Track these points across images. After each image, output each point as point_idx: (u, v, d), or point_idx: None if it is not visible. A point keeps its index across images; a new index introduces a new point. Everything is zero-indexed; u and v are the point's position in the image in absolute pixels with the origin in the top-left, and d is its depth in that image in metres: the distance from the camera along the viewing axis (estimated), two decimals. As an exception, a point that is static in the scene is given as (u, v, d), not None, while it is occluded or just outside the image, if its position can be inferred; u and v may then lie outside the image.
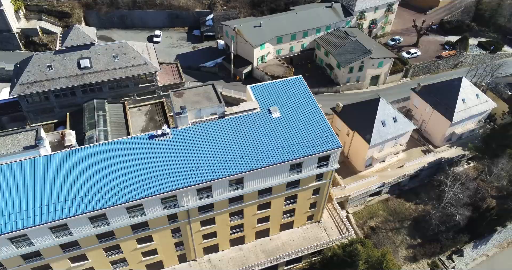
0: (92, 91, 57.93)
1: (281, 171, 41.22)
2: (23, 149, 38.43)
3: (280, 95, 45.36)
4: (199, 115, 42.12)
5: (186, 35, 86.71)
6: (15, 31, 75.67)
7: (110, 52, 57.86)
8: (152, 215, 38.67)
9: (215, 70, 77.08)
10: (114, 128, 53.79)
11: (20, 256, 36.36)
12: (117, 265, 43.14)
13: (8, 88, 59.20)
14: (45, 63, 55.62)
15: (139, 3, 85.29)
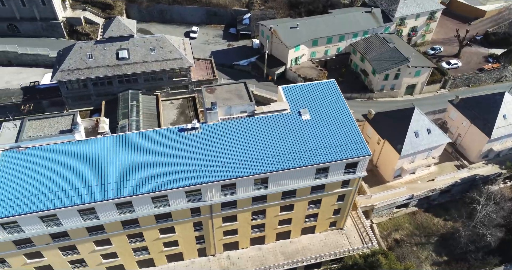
0: (128, 81, 59.48)
1: (307, 174, 40.74)
2: (59, 132, 39.90)
3: (311, 97, 44.95)
4: (229, 112, 42.35)
5: (222, 32, 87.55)
6: (61, 20, 78.95)
7: (147, 44, 59.20)
8: (176, 207, 39.18)
9: (248, 69, 77.34)
10: (146, 119, 55.02)
11: (49, 234, 37.76)
12: (139, 252, 44.04)
13: (50, 73, 61.76)
14: (86, 52, 57.60)
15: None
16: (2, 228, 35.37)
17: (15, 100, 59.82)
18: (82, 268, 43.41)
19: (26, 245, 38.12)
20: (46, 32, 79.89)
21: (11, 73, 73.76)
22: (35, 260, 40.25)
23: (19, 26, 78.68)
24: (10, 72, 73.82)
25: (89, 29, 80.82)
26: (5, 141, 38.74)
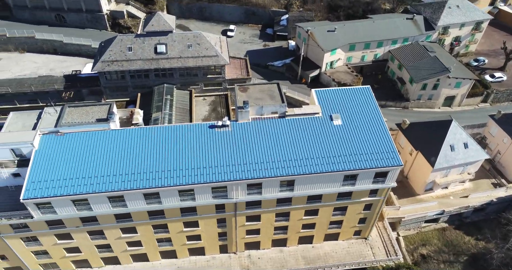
0: (164, 76, 60.79)
1: (334, 180, 40.12)
2: (96, 121, 41.23)
3: (344, 103, 44.31)
4: (260, 112, 42.40)
5: (259, 32, 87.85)
6: (105, 12, 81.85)
7: (185, 40, 60.24)
8: (201, 202, 39.65)
9: (282, 70, 77.15)
10: (178, 113, 56.05)
11: (80, 218, 39.22)
12: (163, 243, 44.94)
13: (92, 63, 64.13)
14: (126, 45, 59.32)
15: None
16: (37, 208, 37.04)
17: (58, 87, 62.49)
18: (108, 253, 44.88)
19: (57, 226, 39.79)
20: (90, 23, 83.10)
21: (56, 61, 77.28)
22: (64, 241, 41.98)
23: (66, 16, 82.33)
24: (54, 60, 77.38)
25: (130, 22, 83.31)
26: (45, 125, 40.53)
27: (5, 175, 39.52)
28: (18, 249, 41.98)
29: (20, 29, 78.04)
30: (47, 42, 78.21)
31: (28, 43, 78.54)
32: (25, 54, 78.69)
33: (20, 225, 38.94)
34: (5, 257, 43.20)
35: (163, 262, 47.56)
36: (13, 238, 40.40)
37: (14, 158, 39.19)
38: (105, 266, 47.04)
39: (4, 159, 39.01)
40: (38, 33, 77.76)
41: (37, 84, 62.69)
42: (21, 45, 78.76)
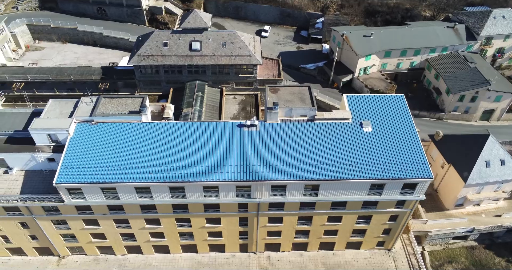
0: (196, 72, 61.65)
1: (360, 188, 39.37)
2: (128, 113, 42.27)
3: (376, 110, 43.51)
4: (289, 114, 42.22)
5: (293, 34, 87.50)
6: (144, 7, 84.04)
7: (219, 39, 60.83)
8: (224, 199, 39.92)
9: (314, 73, 76.50)
10: (208, 110, 56.69)
11: (107, 206, 40.43)
12: (184, 237, 45.65)
13: (128, 57, 65.95)
14: (162, 40, 60.58)
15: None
16: (68, 193, 38.46)
17: (95, 78, 64.64)
18: (131, 242, 46.03)
19: (85, 212, 41.19)
20: (130, 18, 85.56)
21: (95, 52, 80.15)
22: (91, 227, 43.41)
23: (107, 10, 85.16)
24: (93, 52, 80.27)
25: (168, 18, 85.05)
26: (81, 114, 41.94)
27: (41, 159, 41.22)
28: (48, 231, 43.79)
29: (63, 20, 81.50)
30: (87, 34, 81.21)
31: (70, 34, 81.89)
32: (67, 45, 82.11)
33: (51, 208, 40.61)
34: (35, 237, 45.16)
35: (184, 255, 48.32)
36: (44, 219, 42.19)
37: (50, 144, 40.85)
38: (128, 254, 48.34)
39: (41, 144, 40.74)
40: (80, 25, 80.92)
41: (76, 74, 65.11)
42: (63, 36, 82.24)
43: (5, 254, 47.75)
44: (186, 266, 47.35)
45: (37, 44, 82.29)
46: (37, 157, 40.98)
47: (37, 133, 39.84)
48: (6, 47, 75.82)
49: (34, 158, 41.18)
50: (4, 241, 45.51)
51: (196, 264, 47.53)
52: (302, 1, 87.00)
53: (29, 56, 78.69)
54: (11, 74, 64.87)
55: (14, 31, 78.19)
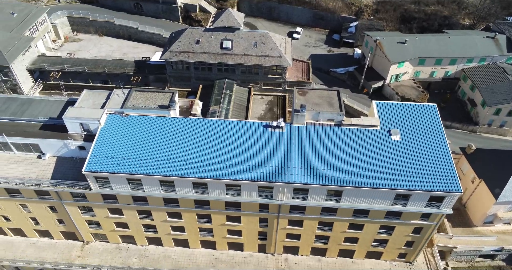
0: (226, 71, 62.21)
1: (385, 197, 38.53)
2: (158, 107, 43.04)
3: (406, 119, 42.43)
4: (316, 118, 41.87)
5: (325, 37, 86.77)
6: (179, 4, 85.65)
7: (251, 39, 61.09)
8: (246, 198, 40.02)
9: (344, 78, 75.62)
10: (235, 109, 57.09)
11: (131, 196, 41.34)
12: (204, 233, 46.10)
13: (161, 52, 67.31)
14: (195, 37, 61.47)
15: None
16: (95, 181, 39.64)
17: (128, 71, 66.40)
18: (153, 233, 46.86)
19: (111, 201, 42.29)
20: (164, 14, 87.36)
21: (129, 46, 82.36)
22: (115, 216, 44.54)
23: (143, 5, 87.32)
24: (128, 46, 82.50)
25: (201, 16, 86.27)
26: (112, 106, 43.06)
27: (72, 147, 42.67)
28: (74, 216, 45.28)
29: (102, 14, 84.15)
30: (123, 28, 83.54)
31: (107, 28, 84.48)
32: (103, 38, 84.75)
33: (79, 194, 41.96)
34: (62, 222, 46.78)
35: (202, 251, 48.80)
36: (71, 205, 43.62)
37: (82, 132, 42.17)
38: (148, 245, 49.25)
39: (73, 132, 42.17)
40: (117, 19, 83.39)
41: (110, 66, 67.10)
42: (101, 29, 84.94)
43: (33, 235, 49.72)
44: (204, 261, 47.86)
45: (75, 36, 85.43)
46: (69, 144, 42.43)
47: (70, 121, 41.26)
48: (46, 37, 79.11)
49: (66, 146, 42.68)
50: (34, 223, 47.42)
51: (214, 261, 47.93)
52: (336, 4, 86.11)
53: (67, 47, 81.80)
54: (49, 63, 67.63)
55: (55, 22, 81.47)
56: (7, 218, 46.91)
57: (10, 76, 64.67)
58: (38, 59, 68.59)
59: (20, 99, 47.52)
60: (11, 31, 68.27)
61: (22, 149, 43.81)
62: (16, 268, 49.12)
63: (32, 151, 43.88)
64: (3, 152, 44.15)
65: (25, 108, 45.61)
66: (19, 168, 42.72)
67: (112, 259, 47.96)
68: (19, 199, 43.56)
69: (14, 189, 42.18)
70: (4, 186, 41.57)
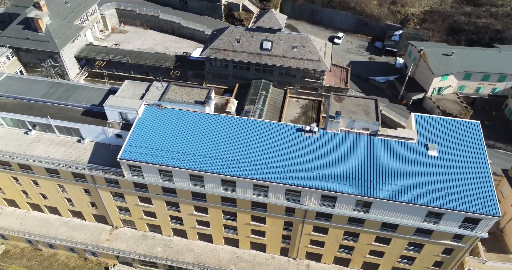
0: (263, 71, 62.31)
1: (416, 213, 37.22)
2: (194, 102, 43.77)
3: (446, 134, 40.88)
4: (351, 125, 41.08)
5: (367, 44, 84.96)
6: (223, 3, 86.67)
7: (291, 41, 60.84)
8: (273, 200, 39.92)
9: (383, 87, 73.68)
10: (270, 110, 57.05)
11: (161, 187, 42.28)
12: (228, 230, 46.43)
13: (201, 48, 68.45)
14: (235, 36, 61.98)
15: (334, 2, 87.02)
16: (129, 169, 40.87)
17: (168, 65, 68.01)
18: (179, 225, 47.74)
19: (141, 189, 43.47)
20: (208, 11, 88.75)
21: (171, 41, 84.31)
22: (144, 204, 45.70)
23: (188, 2, 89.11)
24: (170, 40, 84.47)
25: (244, 15, 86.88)
26: (151, 97, 44.20)
27: (110, 134, 44.26)
28: (106, 201, 46.92)
29: (148, 8, 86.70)
30: (167, 23, 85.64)
31: (152, 21, 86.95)
32: (148, 31, 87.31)
33: (112, 180, 43.42)
34: (95, 205, 48.61)
35: (225, 247, 49.13)
36: (104, 190, 45.20)
37: (120, 121, 43.59)
38: (173, 236, 50.13)
39: (112, 120, 43.68)
40: (162, 13, 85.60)
41: (152, 59, 68.97)
42: (146, 22, 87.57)
43: (67, 215, 52.01)
44: (225, 258, 48.14)
45: (122, 27, 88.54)
46: (107, 131, 44.02)
47: (110, 109, 42.71)
48: (95, 27, 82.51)
49: (104, 132, 44.31)
50: (68, 203, 49.59)
51: (236, 259, 48.09)
52: (381, 11, 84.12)
53: (113, 37, 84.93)
54: (96, 52, 70.49)
55: (104, 13, 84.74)
56: (45, 196, 49.36)
57: (59, 62, 68.01)
58: (86, 48, 71.66)
59: (66, 84, 49.82)
60: (64, 19, 71.70)
61: (64, 132, 45.99)
62: (48, 244, 51.66)
63: (73, 135, 45.97)
64: (46, 134, 46.53)
65: (70, 93, 47.76)
66: (60, 150, 44.87)
67: (138, 246, 49.26)
68: (57, 179, 45.73)
69: (53, 170, 44.33)
70: (45, 166, 43.79)
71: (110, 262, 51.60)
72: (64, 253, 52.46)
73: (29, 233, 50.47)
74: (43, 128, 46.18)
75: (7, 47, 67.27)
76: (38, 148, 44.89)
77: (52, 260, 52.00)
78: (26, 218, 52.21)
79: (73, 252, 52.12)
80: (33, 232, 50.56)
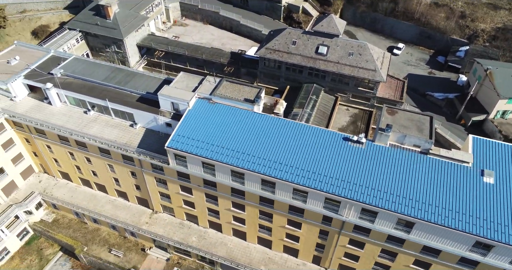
0: (316, 76, 61.60)
1: (462, 241, 34.98)
2: (243, 100, 44.11)
3: (505, 161, 38.00)
4: (401, 140, 39.38)
5: (428, 57, 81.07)
6: (283, 4, 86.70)
7: (348, 48, 59.58)
8: (310, 206, 39.37)
9: (441, 104, 69.82)
10: (318, 115, 56.30)
11: (203, 179, 43.19)
12: (262, 230, 46.51)
13: (256, 47, 69.03)
14: (292, 38, 61.78)
15: (397, 12, 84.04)
16: (174, 158, 42.12)
17: (222, 61, 69.28)
18: (215, 218, 48.57)
19: (184, 179, 44.64)
20: (267, 11, 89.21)
21: (228, 37, 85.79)
22: (185, 194, 46.92)
23: (249, 1, 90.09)
24: (228, 37, 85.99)
25: (302, 18, 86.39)
26: (203, 91, 45.15)
27: (160, 122, 45.84)
28: (150, 185, 48.71)
29: (210, 3, 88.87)
30: (227, 20, 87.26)
31: (212, 17, 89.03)
32: (207, 26, 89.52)
33: (157, 166, 44.99)
34: (139, 188, 50.67)
35: (257, 247, 49.22)
36: (149, 175, 46.96)
37: (171, 110, 45.01)
38: (208, 229, 51.06)
39: (164, 109, 45.22)
40: (222, 10, 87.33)
41: (208, 53, 70.64)
42: (206, 17, 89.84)
43: (113, 194, 54.70)
44: (257, 257, 48.20)
45: (183, 21, 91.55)
46: (158, 119, 45.59)
47: (163, 98, 44.17)
48: (158, 19, 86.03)
49: (156, 120, 45.97)
50: (115, 183, 52.12)
51: (267, 260, 47.99)
52: (448, 25, 79.92)
53: (174, 29, 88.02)
54: (156, 42, 73.47)
55: (168, 6, 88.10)
56: (95, 173, 52.28)
57: (122, 49, 71.70)
58: (148, 37, 74.93)
59: (126, 70, 52.19)
60: (131, 9, 75.46)
61: (119, 116, 48.35)
62: (93, 219, 54.77)
63: (126, 119, 48.21)
64: (103, 115, 49.21)
65: (128, 79, 49.97)
66: (113, 132, 47.22)
67: (174, 233, 50.62)
68: (107, 159, 48.23)
69: (105, 150, 46.81)
70: (98, 145, 46.36)
71: (147, 244, 53.56)
72: (106, 230, 55.23)
73: (78, 206, 53.72)
74: (100, 110, 48.88)
75: (78, 31, 72.09)
76: (94, 128, 47.58)
77: (95, 234, 55.03)
78: (76, 191, 55.65)
79: (114, 230, 54.74)
80: (81, 205, 53.75)
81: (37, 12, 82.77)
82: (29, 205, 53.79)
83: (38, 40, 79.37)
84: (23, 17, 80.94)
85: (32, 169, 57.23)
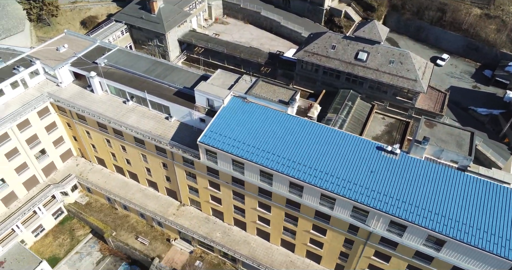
0: (353, 82, 60.46)
1: (496, 265, 33.22)
2: (278, 101, 43.96)
3: (551, 185, 35.66)
4: (438, 155, 37.94)
5: (474, 70, 77.65)
6: (325, 7, 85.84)
7: (389, 55, 58.03)
8: (337, 214, 38.77)
9: (484, 120, 66.63)
10: (352, 122, 55.27)
11: (231, 176, 43.45)
12: (287, 232, 46.29)
13: (295, 49, 68.70)
14: (331, 42, 60.93)
15: (444, 21, 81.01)
16: (205, 153, 42.56)
17: (260, 61, 69.50)
18: (240, 216, 48.81)
19: (213, 175, 45.19)
20: (309, 14, 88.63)
21: (267, 38, 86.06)
22: (212, 189, 47.50)
23: (291, 2, 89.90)
24: (267, 37, 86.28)
25: (344, 23, 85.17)
26: (238, 89, 45.44)
27: (195, 117, 46.65)
28: (180, 178, 49.71)
29: (251, 3, 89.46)
30: (267, 20, 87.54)
31: (253, 17, 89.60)
32: (247, 25, 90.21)
33: (188, 160, 45.80)
34: (169, 179, 51.84)
35: (280, 249, 49.08)
36: (180, 168, 47.90)
37: (206, 106, 45.65)
38: (233, 226, 51.42)
39: (199, 104, 45.92)
40: (263, 10, 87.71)
41: (246, 52, 71.12)
42: (247, 17, 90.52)
43: (144, 183, 56.31)
44: (278, 259, 48.03)
45: (224, 19, 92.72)
46: (193, 114, 46.44)
47: (199, 94, 44.83)
48: (200, 16, 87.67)
49: (190, 114, 46.83)
50: (147, 173, 53.60)
51: (289, 263, 47.69)
52: (498, 38, 76.13)
53: (215, 27, 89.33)
54: (197, 39, 74.84)
55: (210, 3, 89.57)
56: (129, 162, 54.03)
57: (163, 43, 73.61)
58: (189, 33, 76.46)
59: (166, 64, 53.48)
60: (175, 5, 77.30)
61: (156, 108, 49.68)
62: (124, 206, 56.57)
63: (162, 112, 49.45)
64: (140, 106, 50.73)
65: (167, 73, 51.20)
66: (149, 123, 48.56)
67: (200, 227, 51.34)
68: (141, 149, 49.67)
69: (140, 140, 48.23)
70: (134, 134, 47.84)
71: (172, 235, 54.70)
72: (135, 217, 56.91)
73: (110, 191, 55.66)
74: (139, 101, 50.42)
75: (123, 23, 74.73)
76: (131, 118, 49.15)
77: (124, 221, 56.83)
78: (110, 178, 57.69)
79: (143, 218, 56.29)
80: (113, 191, 55.66)
81: (87, 3, 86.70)
82: (65, 186, 56.36)
83: (86, 30, 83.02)
84: (74, 7, 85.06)
85: (71, 153, 59.92)
